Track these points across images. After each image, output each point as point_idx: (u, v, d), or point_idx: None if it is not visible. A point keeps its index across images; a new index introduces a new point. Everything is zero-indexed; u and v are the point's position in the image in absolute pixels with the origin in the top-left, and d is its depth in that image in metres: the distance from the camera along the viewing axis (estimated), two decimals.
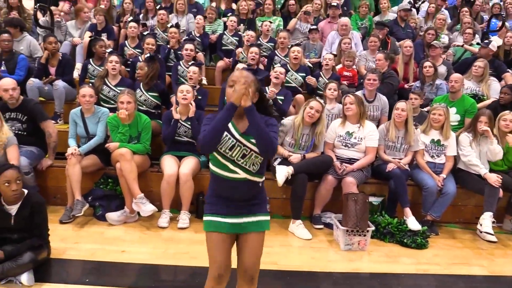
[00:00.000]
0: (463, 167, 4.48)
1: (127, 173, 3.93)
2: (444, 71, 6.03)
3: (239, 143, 2.15)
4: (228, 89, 2.14)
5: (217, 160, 2.19)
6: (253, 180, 2.21)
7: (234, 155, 2.15)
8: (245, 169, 2.17)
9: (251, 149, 2.15)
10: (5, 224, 3.03)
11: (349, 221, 3.74)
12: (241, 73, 2.15)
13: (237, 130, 2.18)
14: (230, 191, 2.21)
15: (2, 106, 4.21)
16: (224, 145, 2.14)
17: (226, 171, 2.17)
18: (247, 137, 2.16)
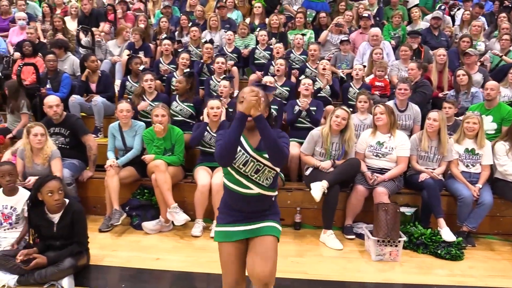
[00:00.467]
0: (501, 177, 4.35)
1: (162, 184, 4.09)
2: (480, 79, 5.89)
3: (252, 158, 2.19)
4: (239, 105, 2.18)
5: (231, 176, 2.24)
6: (266, 195, 2.27)
7: (248, 170, 2.20)
8: (258, 184, 2.22)
9: (265, 164, 2.20)
10: (49, 232, 3.23)
11: (380, 231, 3.72)
12: (251, 89, 2.16)
13: (250, 145, 2.22)
14: (243, 205, 2.26)
15: (47, 121, 4.49)
16: (238, 160, 2.19)
17: (240, 187, 2.22)
18: (260, 152, 2.20)
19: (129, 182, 4.47)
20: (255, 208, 2.28)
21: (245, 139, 2.22)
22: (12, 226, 3.58)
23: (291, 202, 4.44)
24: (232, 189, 2.24)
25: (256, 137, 2.21)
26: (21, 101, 5.38)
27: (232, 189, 2.24)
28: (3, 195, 3.58)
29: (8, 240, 3.49)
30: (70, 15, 8.14)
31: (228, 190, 2.28)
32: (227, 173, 2.26)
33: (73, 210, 3.23)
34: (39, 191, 3.16)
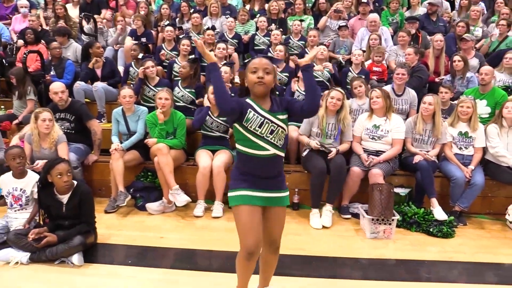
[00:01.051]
0: (492, 159, 4.49)
1: (164, 166, 4.24)
2: (476, 64, 5.99)
3: (267, 120, 2.31)
4: (250, 74, 2.31)
5: (247, 140, 2.32)
6: (280, 155, 2.38)
7: (264, 131, 2.30)
8: (273, 144, 2.32)
9: (278, 125, 2.32)
10: (58, 212, 3.39)
11: (374, 210, 3.88)
12: (260, 60, 2.32)
13: (262, 108, 2.33)
14: (260, 169, 2.36)
15: (52, 107, 4.63)
16: (254, 123, 2.30)
17: (256, 149, 2.32)
18: (273, 114, 2.33)
19: (133, 165, 4.62)
20: (270, 172, 2.38)
21: (257, 104, 2.33)
22: (22, 207, 3.74)
23: (289, 183, 4.53)
24: (249, 154, 2.33)
25: (266, 102, 2.35)
26: (28, 87, 5.51)
27: (249, 154, 2.33)
28: (13, 178, 3.74)
29: (19, 221, 3.65)
30: (71, 2, 8.23)
31: (244, 156, 2.36)
32: (243, 139, 2.34)
33: (81, 191, 3.39)
34: (48, 173, 3.31)
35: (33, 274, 3.11)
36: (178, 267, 3.29)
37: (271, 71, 2.32)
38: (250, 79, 2.32)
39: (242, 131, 2.34)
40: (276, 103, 2.37)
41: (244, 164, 2.39)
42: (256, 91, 2.33)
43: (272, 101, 2.38)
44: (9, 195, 3.73)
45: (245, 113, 2.31)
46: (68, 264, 3.24)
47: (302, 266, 3.33)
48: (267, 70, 2.30)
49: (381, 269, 3.38)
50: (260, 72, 2.29)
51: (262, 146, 2.31)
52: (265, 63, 2.31)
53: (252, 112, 2.31)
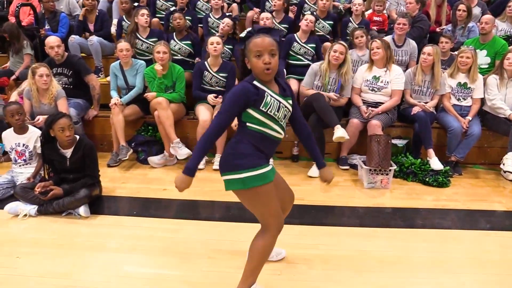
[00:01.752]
0: (490, 110, 4.52)
1: (164, 120, 4.27)
2: (478, 13, 5.88)
3: (282, 104, 2.18)
4: (254, 59, 2.09)
5: (264, 123, 2.15)
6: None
7: (280, 116, 2.17)
8: (283, 128, 2.24)
9: (289, 109, 2.23)
10: (62, 166, 3.46)
11: (372, 160, 3.96)
12: (263, 40, 2.08)
13: (274, 92, 2.17)
14: (271, 149, 2.26)
15: (49, 62, 4.58)
16: (273, 107, 2.13)
17: (273, 131, 2.18)
18: (285, 98, 2.20)
19: (133, 120, 4.65)
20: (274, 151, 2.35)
21: (268, 88, 2.15)
22: (26, 162, 3.81)
23: (289, 136, 4.64)
24: (267, 134, 2.17)
25: (274, 85, 2.21)
26: (23, 41, 5.42)
27: (267, 134, 2.17)
28: (15, 134, 3.78)
29: (24, 175, 3.72)
30: None
31: (259, 134, 2.16)
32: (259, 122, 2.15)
33: (84, 145, 3.44)
34: (50, 128, 3.35)
35: (42, 226, 3.23)
36: (181, 217, 3.41)
37: (276, 51, 2.12)
38: (255, 64, 2.11)
39: (257, 116, 2.13)
40: (282, 87, 2.24)
41: (257, 142, 2.18)
42: (264, 78, 2.13)
43: (279, 85, 2.23)
44: (13, 150, 3.79)
45: (262, 97, 2.11)
46: (75, 216, 3.35)
47: (301, 215, 3.44)
48: (272, 52, 2.08)
49: (377, 217, 3.50)
50: (266, 57, 2.07)
51: (277, 130, 2.19)
52: (269, 43, 2.08)
53: (269, 96, 2.13)
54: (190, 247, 2.92)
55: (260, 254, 2.25)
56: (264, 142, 2.19)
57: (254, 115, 2.12)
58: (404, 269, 2.71)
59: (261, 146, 2.19)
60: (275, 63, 2.10)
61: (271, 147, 2.24)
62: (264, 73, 2.09)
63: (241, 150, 2.17)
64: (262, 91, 2.12)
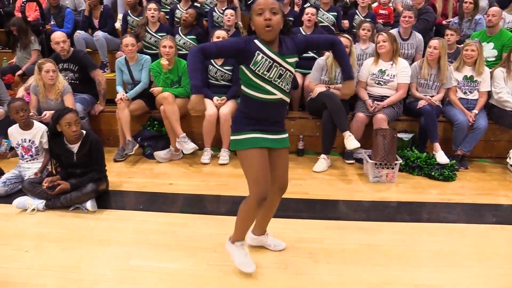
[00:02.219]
0: (496, 103, 4.49)
1: (170, 115, 4.29)
2: (485, 5, 5.83)
3: (276, 63, 2.20)
4: (256, 17, 2.15)
5: (254, 84, 2.23)
6: (285, 99, 2.31)
7: (272, 76, 2.20)
8: (281, 89, 2.24)
9: (287, 69, 2.23)
10: (70, 161, 3.49)
11: (378, 154, 3.96)
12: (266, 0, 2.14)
13: (271, 50, 2.20)
14: (267, 113, 2.29)
15: (55, 57, 4.60)
16: (262, 67, 2.19)
17: (264, 93, 2.23)
18: (282, 57, 2.21)
19: (139, 115, 4.67)
20: (275, 116, 2.33)
21: (266, 46, 2.20)
22: (33, 157, 3.84)
23: (294, 130, 4.66)
24: (256, 97, 2.25)
25: (275, 45, 2.22)
26: (31, 37, 5.44)
27: (256, 97, 2.25)
28: (20, 130, 3.81)
29: (32, 170, 3.75)
30: None
31: (250, 99, 2.27)
32: (249, 82, 2.25)
33: (91, 140, 3.46)
34: (57, 123, 3.37)
35: (50, 220, 3.26)
36: (187, 211, 3.42)
37: (278, 10, 2.16)
38: (257, 22, 2.16)
39: (248, 75, 2.23)
40: (286, 44, 2.24)
41: (249, 108, 2.30)
42: (265, 37, 2.18)
43: (281, 42, 2.24)
44: (19, 146, 3.82)
45: (252, 55, 2.17)
46: (82, 210, 3.38)
47: (306, 209, 3.46)
48: (273, 10, 2.13)
49: (383, 210, 3.50)
50: (267, 13, 2.12)
51: (270, 91, 2.23)
52: (271, 2, 2.14)
53: (261, 55, 2.18)
54: (196, 241, 2.94)
55: (241, 215, 2.43)
56: (255, 106, 2.27)
57: (246, 73, 2.22)
58: (409, 263, 2.71)
59: (252, 111, 2.29)
60: (277, 20, 2.14)
61: (263, 110, 2.27)
62: (264, 30, 2.14)
63: (236, 116, 2.38)
64: (254, 49, 2.18)
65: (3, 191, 3.62)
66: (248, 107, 2.31)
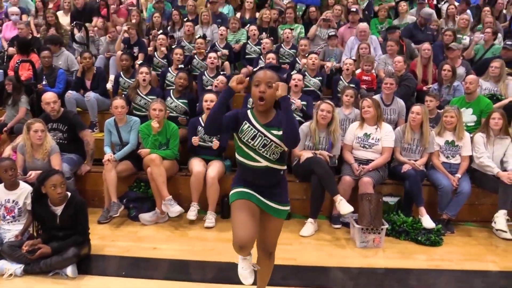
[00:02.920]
0: (478, 167, 4.60)
1: (157, 177, 4.29)
2: (463, 72, 6.10)
3: (260, 133, 2.35)
4: (253, 87, 2.33)
5: (242, 150, 2.41)
6: (274, 168, 2.40)
7: (256, 144, 2.35)
8: (266, 157, 2.37)
9: (271, 140, 2.35)
10: (52, 223, 3.42)
11: (364, 219, 3.96)
12: (265, 74, 2.33)
13: (258, 122, 2.38)
14: (254, 178, 2.42)
15: (45, 117, 4.65)
16: (247, 134, 2.36)
17: (249, 160, 2.39)
18: (268, 128, 2.36)
19: (126, 176, 4.65)
20: (265, 182, 2.42)
21: (254, 116, 2.39)
22: (15, 219, 3.75)
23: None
24: (242, 162, 2.42)
25: (264, 117, 2.38)
26: (22, 95, 5.50)
27: (242, 162, 2.42)
28: (5, 190, 3.75)
29: (12, 232, 3.66)
30: (62, 9, 8.22)
31: (239, 164, 2.46)
32: (238, 147, 2.43)
33: (75, 202, 3.43)
34: (42, 184, 3.35)
35: (27, 286, 3.14)
36: (172, 278, 3.35)
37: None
38: (253, 92, 2.35)
39: (237, 141, 2.42)
40: (277, 118, 2.37)
41: (241, 172, 2.49)
42: (258, 108, 2.36)
43: (275, 115, 2.40)
44: (2, 207, 3.74)
45: (241, 124, 2.37)
46: (62, 276, 3.27)
47: (295, 276, 3.39)
48: (269, 84, 2.29)
49: (371, 278, 3.46)
50: (262, 86, 2.30)
51: (254, 158, 2.37)
52: (269, 76, 2.31)
53: (247, 124, 2.37)
54: None
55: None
56: (244, 171, 2.44)
57: (236, 139, 2.43)
58: None
59: (242, 174, 2.48)
60: (270, 94, 2.30)
61: (250, 174, 2.42)
62: (257, 101, 2.32)
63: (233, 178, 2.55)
64: (243, 118, 2.39)
65: None
66: (240, 171, 2.50)
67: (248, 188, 2.42)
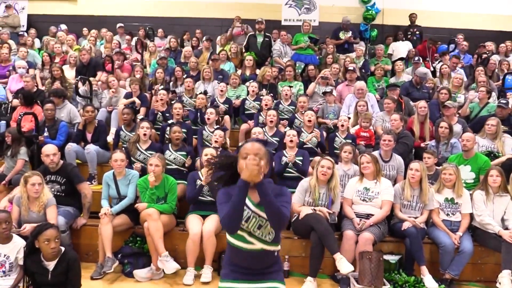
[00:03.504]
0: (479, 225, 4.55)
1: (154, 232, 4.22)
2: (459, 130, 6.20)
3: (254, 213, 2.16)
4: (241, 161, 2.15)
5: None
6: (269, 250, 2.22)
7: (250, 226, 2.17)
8: (261, 239, 2.18)
9: (267, 220, 2.16)
10: (44, 279, 3.34)
11: (365, 279, 3.87)
12: (253, 145, 2.18)
13: (251, 201, 2.18)
14: (246, 261, 2.22)
15: (43, 169, 4.67)
16: None
17: (242, 242, 2.19)
18: (262, 207, 2.14)
19: (122, 230, 4.58)
20: (258, 265, 2.24)
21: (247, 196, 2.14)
22: (5, 273, 3.65)
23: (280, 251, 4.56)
24: (235, 245, 2.21)
25: (255, 194, 2.15)
26: (22, 147, 5.54)
27: (235, 245, 2.21)
28: None
29: None
30: (68, 64, 8.47)
31: (230, 247, 2.23)
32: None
33: (68, 258, 3.36)
34: (36, 238, 3.30)
35: None
36: None
37: (263, 156, 2.17)
38: (240, 165, 2.15)
39: None
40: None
41: (231, 255, 2.27)
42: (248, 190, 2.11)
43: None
44: None
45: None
46: None
47: None
48: (258, 156, 2.12)
49: None
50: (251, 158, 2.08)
51: (248, 240, 2.18)
52: (257, 148, 2.17)
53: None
54: None
55: None
56: (235, 254, 2.22)
57: None
58: None
59: (234, 259, 2.25)
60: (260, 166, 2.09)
61: (244, 258, 2.21)
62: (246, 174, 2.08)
63: (223, 260, 2.36)
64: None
65: None
66: (230, 254, 2.27)
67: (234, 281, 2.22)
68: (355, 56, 9.09)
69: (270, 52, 9.05)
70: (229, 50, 8.95)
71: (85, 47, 9.00)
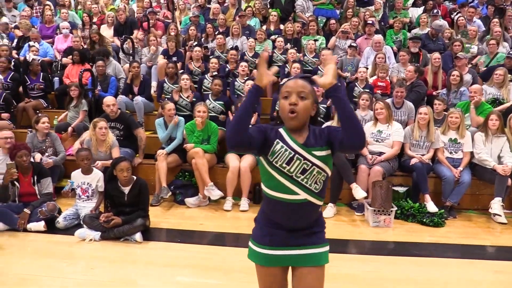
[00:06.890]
0: (478, 162, 5.26)
1: (201, 167, 5.09)
2: (469, 79, 6.74)
3: (298, 155, 1.85)
4: (282, 100, 1.89)
5: (272, 179, 1.88)
6: (314, 203, 1.90)
7: (293, 170, 1.85)
8: (305, 187, 1.85)
9: (313, 163, 1.86)
10: (121, 200, 4.24)
11: (376, 202, 4.68)
12: (295, 82, 1.88)
13: (295, 141, 1.88)
14: (285, 217, 1.90)
15: (104, 117, 5.49)
16: (280, 158, 1.86)
17: (282, 192, 1.86)
18: (308, 149, 1.86)
19: (173, 167, 5.47)
20: (298, 223, 1.92)
21: (289, 135, 1.90)
22: (88, 198, 4.60)
23: None
24: (273, 197, 1.89)
25: (302, 135, 1.91)
26: (83, 99, 6.40)
27: (273, 197, 1.89)
28: (82, 174, 4.61)
29: (87, 209, 4.50)
30: (106, 23, 9.15)
31: (268, 199, 1.93)
32: (267, 178, 1.91)
33: (140, 184, 4.25)
34: (114, 168, 4.18)
35: (105, 248, 3.97)
36: (215, 244, 4.17)
37: (308, 95, 1.88)
38: (281, 106, 1.89)
39: (266, 167, 1.90)
40: (315, 135, 1.91)
41: (268, 209, 1.96)
42: (289, 125, 1.90)
43: (310, 133, 1.92)
44: (78, 188, 4.60)
45: (272, 144, 1.87)
46: (131, 241, 4.09)
47: None
48: (302, 94, 1.86)
49: (381, 248, 4.17)
50: (293, 97, 1.85)
51: (290, 189, 1.85)
52: (301, 85, 1.87)
53: (280, 144, 1.87)
54: (226, 265, 3.63)
55: None
56: (273, 208, 1.92)
57: (264, 164, 1.91)
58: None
59: (270, 214, 1.94)
60: (304, 107, 1.87)
61: (282, 212, 1.90)
62: (288, 116, 1.87)
63: (258, 216, 2.05)
64: (275, 137, 1.89)
65: (63, 225, 4.37)
66: (267, 208, 1.97)
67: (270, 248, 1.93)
68: (374, 9, 9.46)
69: (294, 7, 9.52)
70: (254, 5, 9.45)
71: (120, 7, 9.61)
